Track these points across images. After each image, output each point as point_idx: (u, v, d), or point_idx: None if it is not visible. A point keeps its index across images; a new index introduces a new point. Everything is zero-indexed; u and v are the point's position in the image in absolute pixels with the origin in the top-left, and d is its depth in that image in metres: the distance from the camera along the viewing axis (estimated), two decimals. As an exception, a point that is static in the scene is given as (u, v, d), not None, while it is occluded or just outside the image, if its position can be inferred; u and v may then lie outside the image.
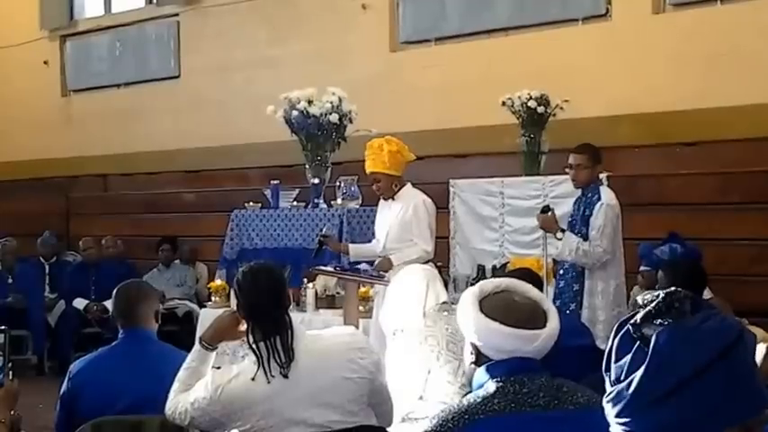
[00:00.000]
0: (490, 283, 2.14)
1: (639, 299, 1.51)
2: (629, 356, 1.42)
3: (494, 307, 2.05)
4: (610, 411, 1.45)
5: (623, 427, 1.44)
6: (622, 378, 1.42)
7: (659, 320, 1.43)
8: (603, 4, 7.07)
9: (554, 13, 7.32)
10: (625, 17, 6.90)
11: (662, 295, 1.45)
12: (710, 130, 6.39)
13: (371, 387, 2.57)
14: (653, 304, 1.44)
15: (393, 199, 5.09)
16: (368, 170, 5.12)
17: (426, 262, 4.70)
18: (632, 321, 1.45)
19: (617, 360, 1.44)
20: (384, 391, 2.64)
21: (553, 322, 2.07)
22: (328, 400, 2.50)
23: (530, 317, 2.05)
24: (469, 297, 2.10)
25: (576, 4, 7.22)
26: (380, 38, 8.18)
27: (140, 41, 10.12)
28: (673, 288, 1.48)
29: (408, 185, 5.12)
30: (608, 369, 1.46)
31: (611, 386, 1.44)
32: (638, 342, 1.42)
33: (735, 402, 1.38)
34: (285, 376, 2.47)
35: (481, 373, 2.05)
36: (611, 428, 1.48)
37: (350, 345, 2.60)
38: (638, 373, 1.38)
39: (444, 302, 3.24)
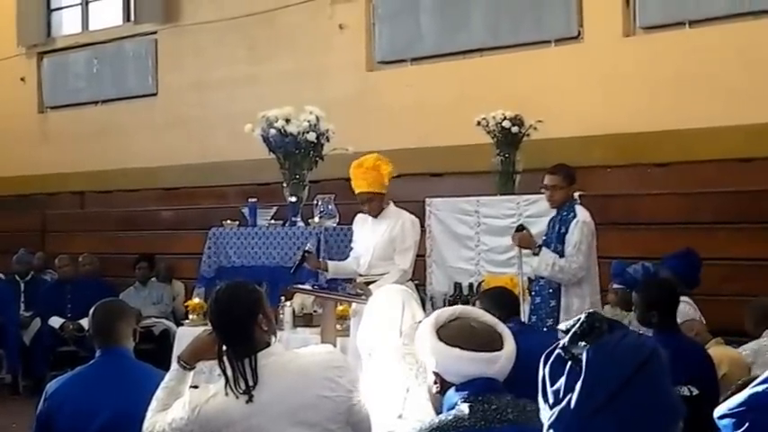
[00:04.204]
0: (445, 312, 2.21)
1: (563, 326, 1.64)
2: (563, 378, 1.52)
3: (452, 335, 2.11)
4: None
5: None
6: (561, 398, 1.52)
7: (583, 342, 1.54)
8: (576, 26, 7.20)
9: (527, 35, 7.45)
10: (596, 39, 7.03)
11: (582, 318, 1.58)
12: (681, 151, 6.52)
13: (350, 405, 2.59)
14: (576, 327, 1.56)
15: (375, 217, 5.10)
16: (361, 189, 5.00)
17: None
18: (561, 345, 1.56)
19: (552, 384, 1.54)
20: (363, 410, 2.66)
21: (509, 344, 2.14)
22: (307, 418, 2.52)
23: (488, 340, 2.12)
24: (427, 327, 2.16)
25: (549, 27, 7.35)
26: (357, 57, 8.26)
27: (118, 59, 10.13)
28: (591, 310, 1.62)
29: (392, 204, 5.16)
30: (545, 396, 1.55)
31: (550, 410, 1.53)
32: (569, 363, 1.53)
33: (655, 413, 1.50)
34: (250, 400, 2.47)
35: (451, 394, 2.11)
36: None
37: (328, 363, 2.62)
38: (576, 390, 1.48)
39: (421, 321, 3.28)
